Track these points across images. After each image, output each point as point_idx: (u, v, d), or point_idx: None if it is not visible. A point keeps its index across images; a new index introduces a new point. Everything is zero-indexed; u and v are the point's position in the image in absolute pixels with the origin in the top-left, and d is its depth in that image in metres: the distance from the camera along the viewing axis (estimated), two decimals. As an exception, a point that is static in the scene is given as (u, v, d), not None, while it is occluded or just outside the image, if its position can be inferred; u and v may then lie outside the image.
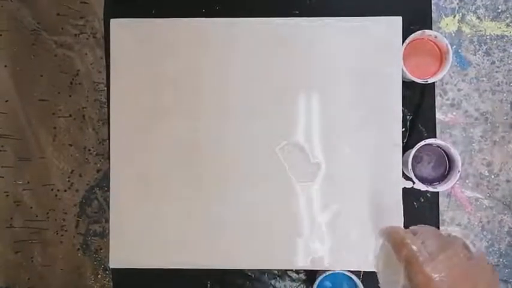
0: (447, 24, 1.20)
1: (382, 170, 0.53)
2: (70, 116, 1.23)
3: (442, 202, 1.17)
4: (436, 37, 0.56)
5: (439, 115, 1.17)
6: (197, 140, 0.54)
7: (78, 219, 1.22)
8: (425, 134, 0.60)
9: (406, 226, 0.51)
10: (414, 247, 0.36)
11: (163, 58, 0.54)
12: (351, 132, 0.53)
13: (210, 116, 0.54)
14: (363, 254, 0.53)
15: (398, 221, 0.52)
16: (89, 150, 1.22)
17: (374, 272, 0.50)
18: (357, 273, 0.54)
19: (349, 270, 0.54)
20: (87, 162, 1.22)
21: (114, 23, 0.55)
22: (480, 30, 1.19)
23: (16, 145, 1.23)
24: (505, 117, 1.18)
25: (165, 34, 0.55)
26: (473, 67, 1.19)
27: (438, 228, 0.59)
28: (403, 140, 0.58)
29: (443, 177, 0.56)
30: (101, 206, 1.22)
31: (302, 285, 0.61)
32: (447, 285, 0.34)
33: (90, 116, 1.23)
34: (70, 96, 1.23)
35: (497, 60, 1.19)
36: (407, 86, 0.57)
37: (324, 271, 0.54)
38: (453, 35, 1.19)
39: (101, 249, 1.21)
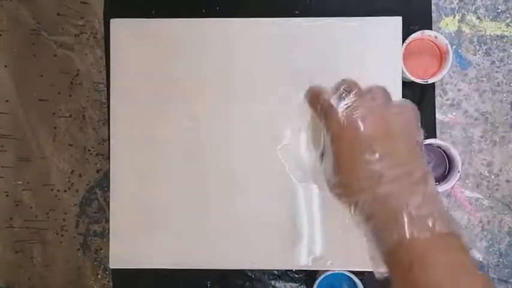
0: (447, 24, 1.20)
1: (382, 170, 0.53)
2: (70, 116, 1.23)
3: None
4: (436, 37, 0.56)
5: (439, 115, 1.17)
6: (197, 140, 0.54)
7: (78, 219, 1.22)
8: (425, 134, 0.59)
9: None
10: (330, 99, 0.35)
11: (163, 58, 0.54)
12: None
13: (210, 116, 0.54)
14: (363, 254, 0.53)
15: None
16: (89, 150, 1.22)
17: (374, 272, 0.49)
18: (357, 273, 0.54)
19: (349, 270, 0.54)
20: (87, 162, 1.22)
21: (114, 23, 0.55)
22: (480, 30, 1.19)
23: (16, 145, 1.23)
24: (505, 117, 1.18)
25: (165, 34, 0.55)
26: (473, 67, 1.19)
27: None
28: (403, 140, 0.58)
29: (443, 178, 0.56)
30: (101, 206, 1.22)
31: (302, 285, 0.61)
32: (360, 130, 0.33)
33: (90, 116, 1.23)
34: (70, 96, 1.23)
35: (497, 60, 1.19)
36: (407, 86, 0.58)
37: (324, 271, 0.54)
38: (453, 35, 1.19)
39: (101, 249, 1.21)
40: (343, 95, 0.35)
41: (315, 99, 0.36)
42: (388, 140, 0.33)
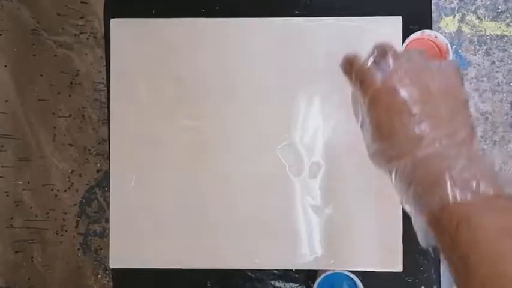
0: (447, 24, 1.20)
1: (382, 170, 0.53)
2: (70, 116, 1.23)
3: (442, 202, 1.17)
4: (436, 37, 0.56)
5: (439, 115, 1.17)
6: (197, 139, 0.54)
7: (78, 219, 1.22)
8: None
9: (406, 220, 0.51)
10: (365, 65, 0.33)
11: (163, 58, 0.54)
12: (351, 131, 0.53)
13: (210, 116, 0.54)
14: (364, 254, 0.53)
15: (399, 214, 0.53)
16: (89, 150, 1.22)
17: (374, 272, 0.49)
18: (357, 273, 0.54)
19: (349, 270, 0.54)
20: (87, 162, 1.22)
21: (114, 22, 0.55)
22: (480, 30, 1.19)
23: (16, 145, 1.23)
24: (505, 117, 1.18)
25: (165, 34, 0.55)
26: (473, 67, 1.19)
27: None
28: (403, 140, 0.58)
29: (443, 177, 0.56)
30: (100, 206, 1.22)
31: (302, 285, 0.61)
32: (398, 93, 0.31)
33: (90, 116, 1.23)
34: (70, 96, 1.23)
35: (497, 60, 1.19)
36: (407, 86, 0.57)
37: (324, 271, 0.54)
38: (453, 35, 1.19)
39: (101, 249, 1.21)
40: (378, 58, 0.33)
41: (349, 66, 0.35)
42: (427, 102, 0.31)
